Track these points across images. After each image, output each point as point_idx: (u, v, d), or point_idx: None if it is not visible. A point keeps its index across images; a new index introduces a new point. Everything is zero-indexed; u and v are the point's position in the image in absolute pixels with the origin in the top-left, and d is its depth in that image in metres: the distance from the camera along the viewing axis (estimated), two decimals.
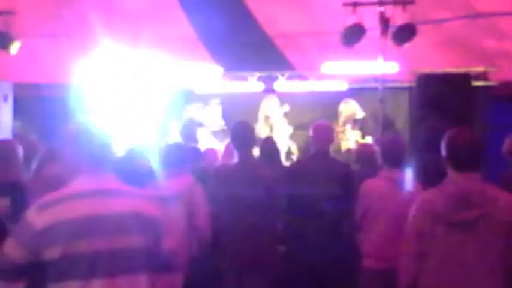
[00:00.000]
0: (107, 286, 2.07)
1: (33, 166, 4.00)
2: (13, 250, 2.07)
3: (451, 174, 2.63)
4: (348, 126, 7.45)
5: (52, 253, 2.04)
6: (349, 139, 7.57)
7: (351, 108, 7.55)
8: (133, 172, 3.00)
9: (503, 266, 2.53)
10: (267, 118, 7.68)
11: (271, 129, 7.64)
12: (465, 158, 2.61)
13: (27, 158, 3.94)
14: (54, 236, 2.04)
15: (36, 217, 2.07)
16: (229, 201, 3.81)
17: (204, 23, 7.26)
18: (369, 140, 7.50)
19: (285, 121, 7.67)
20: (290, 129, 7.58)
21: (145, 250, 2.16)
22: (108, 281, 2.06)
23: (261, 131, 7.54)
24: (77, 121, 2.29)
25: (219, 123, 7.63)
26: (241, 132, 3.95)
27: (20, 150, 3.85)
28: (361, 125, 7.50)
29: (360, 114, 7.79)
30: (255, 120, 7.94)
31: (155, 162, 4.71)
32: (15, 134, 7.50)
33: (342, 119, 7.61)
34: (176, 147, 4.46)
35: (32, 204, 2.15)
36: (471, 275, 2.54)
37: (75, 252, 2.04)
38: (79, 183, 2.18)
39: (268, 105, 7.71)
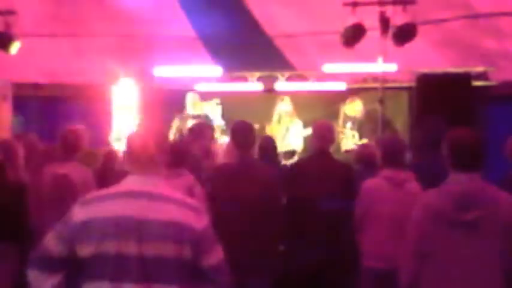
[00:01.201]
0: None
1: (33, 165, 4.01)
2: (52, 241, 2.07)
3: (452, 174, 2.63)
4: (348, 125, 7.43)
5: (85, 250, 2.03)
6: (349, 139, 7.56)
7: (355, 109, 7.53)
8: None
9: (503, 266, 2.53)
10: (280, 118, 7.64)
11: (286, 130, 7.61)
12: (466, 158, 2.60)
13: (27, 158, 3.95)
14: (88, 232, 2.03)
15: (77, 211, 2.08)
16: (228, 201, 3.81)
17: (204, 23, 7.26)
18: (367, 141, 7.48)
19: (299, 122, 7.64)
20: (305, 131, 7.55)
21: (179, 261, 2.06)
22: (136, 287, 2.02)
23: (275, 131, 7.53)
24: (136, 124, 2.30)
25: (219, 123, 7.62)
26: (240, 132, 3.94)
27: (21, 150, 3.85)
28: (358, 127, 7.49)
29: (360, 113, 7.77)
30: (255, 120, 7.93)
31: None
32: (15, 134, 7.50)
33: (343, 117, 7.58)
34: (177, 147, 4.46)
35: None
36: (472, 275, 2.53)
37: (103, 252, 2.02)
38: (123, 184, 2.15)
39: (283, 105, 7.68)
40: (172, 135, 6.90)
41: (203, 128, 5.43)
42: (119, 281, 2.01)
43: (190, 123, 6.38)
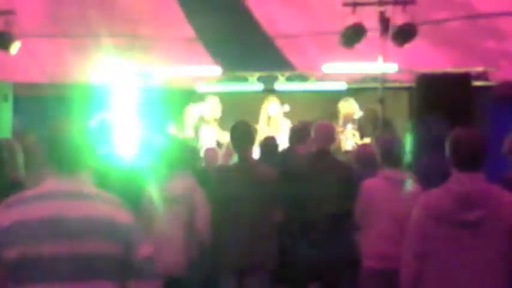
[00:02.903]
0: None
1: (33, 166, 4.00)
2: None
3: (455, 173, 2.63)
4: (349, 126, 7.42)
5: (11, 253, 1.98)
6: (349, 139, 7.56)
7: (349, 107, 7.53)
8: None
9: (505, 266, 2.53)
10: (269, 119, 7.63)
11: (275, 130, 7.59)
12: (469, 158, 2.61)
13: (27, 158, 3.94)
14: (15, 235, 1.99)
15: (0, 215, 2.03)
16: (229, 201, 3.81)
17: (204, 23, 7.26)
18: (367, 140, 7.47)
19: (287, 122, 7.63)
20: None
21: (113, 257, 2.05)
22: (69, 287, 1.99)
23: (263, 131, 7.51)
24: (54, 121, 2.19)
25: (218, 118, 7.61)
26: (240, 133, 3.95)
27: (20, 150, 3.85)
28: (358, 126, 7.48)
29: (358, 113, 7.77)
30: (255, 120, 7.93)
31: (156, 164, 4.72)
32: (15, 133, 7.49)
33: (341, 118, 7.59)
34: (177, 148, 4.47)
35: None
36: (473, 275, 2.53)
37: (34, 254, 1.98)
38: (48, 184, 2.12)
39: (270, 105, 7.67)
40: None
41: None
42: (50, 283, 1.98)
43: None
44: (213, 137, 7.46)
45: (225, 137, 7.16)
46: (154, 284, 2.17)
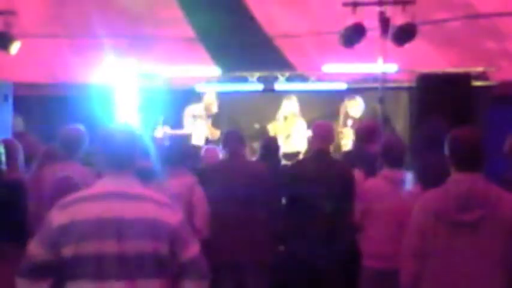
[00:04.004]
0: None
1: (34, 165, 4.00)
2: (35, 248, 2.13)
3: (454, 173, 2.63)
4: (349, 123, 7.41)
5: (66, 252, 2.08)
6: (349, 139, 7.55)
7: (356, 107, 7.49)
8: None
9: (504, 266, 2.53)
10: (286, 118, 7.59)
11: (291, 131, 7.57)
12: (468, 158, 2.61)
13: (27, 158, 3.95)
14: (68, 235, 2.09)
15: (55, 215, 2.15)
16: (225, 200, 3.83)
17: (203, 23, 7.26)
18: None
19: (303, 123, 7.61)
20: (308, 132, 7.52)
21: (158, 257, 2.14)
22: (117, 285, 2.08)
23: (279, 131, 7.49)
24: (105, 123, 2.34)
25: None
26: (232, 142, 4.05)
27: (21, 150, 3.85)
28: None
29: (361, 113, 7.75)
30: (255, 120, 7.93)
31: (155, 162, 4.72)
32: (16, 133, 7.50)
33: (343, 116, 7.56)
34: (176, 146, 4.47)
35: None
36: (472, 275, 2.53)
37: (84, 253, 2.08)
38: (99, 185, 2.23)
39: (288, 105, 7.64)
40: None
41: None
42: (101, 280, 2.08)
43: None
44: (203, 133, 7.44)
45: (216, 134, 7.19)
46: (202, 283, 2.25)
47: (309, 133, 7.34)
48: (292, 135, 7.38)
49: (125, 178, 2.21)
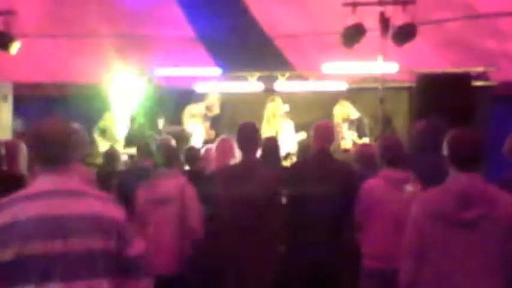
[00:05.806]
0: None
1: (34, 166, 4.00)
2: None
3: (453, 173, 2.63)
4: (345, 126, 7.44)
5: (5, 254, 1.95)
6: (347, 139, 7.57)
7: (344, 111, 7.56)
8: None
9: (503, 266, 2.53)
10: (271, 119, 7.61)
11: (276, 132, 7.58)
12: (466, 157, 2.61)
13: (28, 158, 3.95)
14: (7, 237, 1.96)
15: None
16: (232, 202, 3.81)
17: (204, 23, 7.26)
18: (366, 140, 7.49)
19: (291, 122, 7.63)
20: (298, 135, 7.54)
21: (106, 254, 2.05)
22: (64, 285, 1.97)
23: (266, 131, 7.50)
24: (41, 120, 2.20)
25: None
26: (246, 134, 3.92)
27: (24, 149, 3.86)
28: (357, 126, 7.48)
29: (354, 114, 7.78)
30: (256, 120, 7.93)
31: (150, 162, 4.73)
32: (16, 133, 7.51)
33: (336, 120, 7.61)
34: (170, 147, 4.48)
35: None
36: (471, 274, 2.54)
37: (28, 254, 1.96)
38: (37, 184, 2.11)
39: (273, 106, 7.66)
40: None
41: None
42: (46, 282, 1.96)
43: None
44: (201, 134, 7.46)
45: (212, 136, 7.20)
46: (146, 281, 2.17)
47: (298, 136, 7.38)
48: (278, 136, 7.39)
49: (60, 175, 2.09)
